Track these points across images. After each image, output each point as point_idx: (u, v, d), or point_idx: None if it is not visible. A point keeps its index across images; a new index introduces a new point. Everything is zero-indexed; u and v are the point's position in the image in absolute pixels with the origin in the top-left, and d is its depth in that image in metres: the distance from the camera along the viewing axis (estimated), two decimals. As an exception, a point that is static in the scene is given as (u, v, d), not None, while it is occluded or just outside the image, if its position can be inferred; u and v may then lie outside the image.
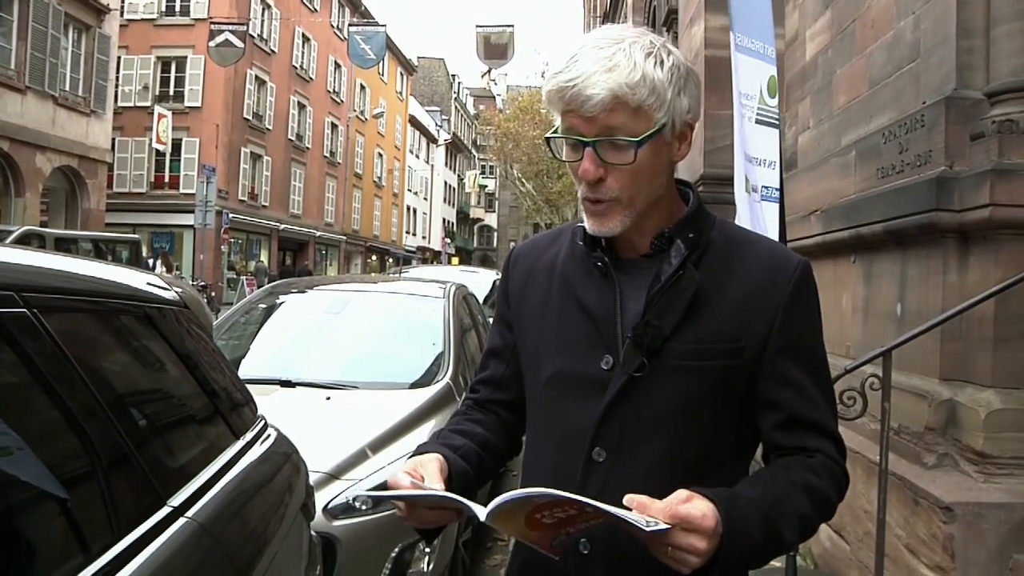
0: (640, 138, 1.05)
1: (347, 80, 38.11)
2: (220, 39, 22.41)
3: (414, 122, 51.03)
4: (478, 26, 22.45)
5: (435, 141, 57.05)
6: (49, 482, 1.17)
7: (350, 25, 27.74)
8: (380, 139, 43.94)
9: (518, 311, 1.25)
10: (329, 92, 36.47)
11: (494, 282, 9.45)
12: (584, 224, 1.14)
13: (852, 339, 3.79)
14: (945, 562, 2.55)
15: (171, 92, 27.07)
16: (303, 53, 33.27)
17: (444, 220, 61.07)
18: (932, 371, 2.96)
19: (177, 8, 27.27)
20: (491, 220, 71.91)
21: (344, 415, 3.46)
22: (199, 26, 25.77)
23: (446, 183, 61.52)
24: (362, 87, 40.42)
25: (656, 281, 1.10)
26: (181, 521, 1.40)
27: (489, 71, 27.40)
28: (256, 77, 29.15)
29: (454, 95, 65.50)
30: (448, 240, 56.63)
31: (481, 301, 6.80)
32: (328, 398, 3.57)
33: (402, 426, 3.35)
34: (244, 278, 24.78)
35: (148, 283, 1.86)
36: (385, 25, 24.02)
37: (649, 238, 1.14)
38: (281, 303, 4.82)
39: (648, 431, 1.09)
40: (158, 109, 24.83)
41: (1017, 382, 2.67)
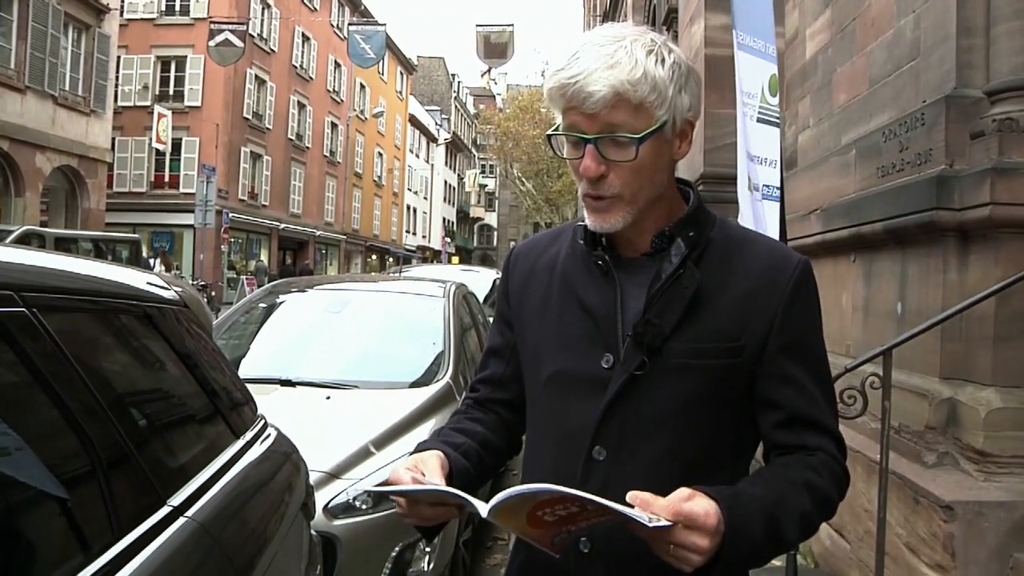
0: (641, 135, 1.05)
1: (347, 79, 38.09)
2: (220, 38, 22.43)
3: (414, 121, 50.99)
4: (478, 25, 22.59)
5: (435, 140, 57.01)
6: (49, 482, 1.17)
7: (350, 24, 27.69)
8: (380, 138, 43.91)
9: (518, 310, 1.25)
10: (329, 91, 36.44)
11: (494, 281, 9.44)
12: (584, 223, 1.14)
13: (852, 338, 3.79)
14: (945, 561, 2.55)
15: (171, 92, 27.05)
16: (303, 52, 33.25)
17: (444, 219, 61.03)
18: (932, 370, 2.96)
19: (177, 8, 27.25)
20: (491, 219, 71.93)
21: (344, 414, 3.46)
22: (199, 25, 25.76)
23: (446, 182, 61.48)
24: (362, 86, 40.39)
25: (657, 280, 1.10)
26: (181, 521, 1.40)
27: (489, 70, 27.46)
28: (256, 76, 29.14)
29: (454, 94, 65.45)
30: (448, 239, 56.60)
31: (481, 300, 6.80)
32: (328, 397, 3.57)
33: (402, 425, 3.35)
34: (244, 278, 24.76)
35: (148, 283, 1.86)
36: (385, 24, 24.03)
37: (650, 237, 1.14)
38: (281, 302, 4.82)
39: (648, 430, 1.09)
40: (158, 109, 24.81)
41: (1017, 381, 2.67)
